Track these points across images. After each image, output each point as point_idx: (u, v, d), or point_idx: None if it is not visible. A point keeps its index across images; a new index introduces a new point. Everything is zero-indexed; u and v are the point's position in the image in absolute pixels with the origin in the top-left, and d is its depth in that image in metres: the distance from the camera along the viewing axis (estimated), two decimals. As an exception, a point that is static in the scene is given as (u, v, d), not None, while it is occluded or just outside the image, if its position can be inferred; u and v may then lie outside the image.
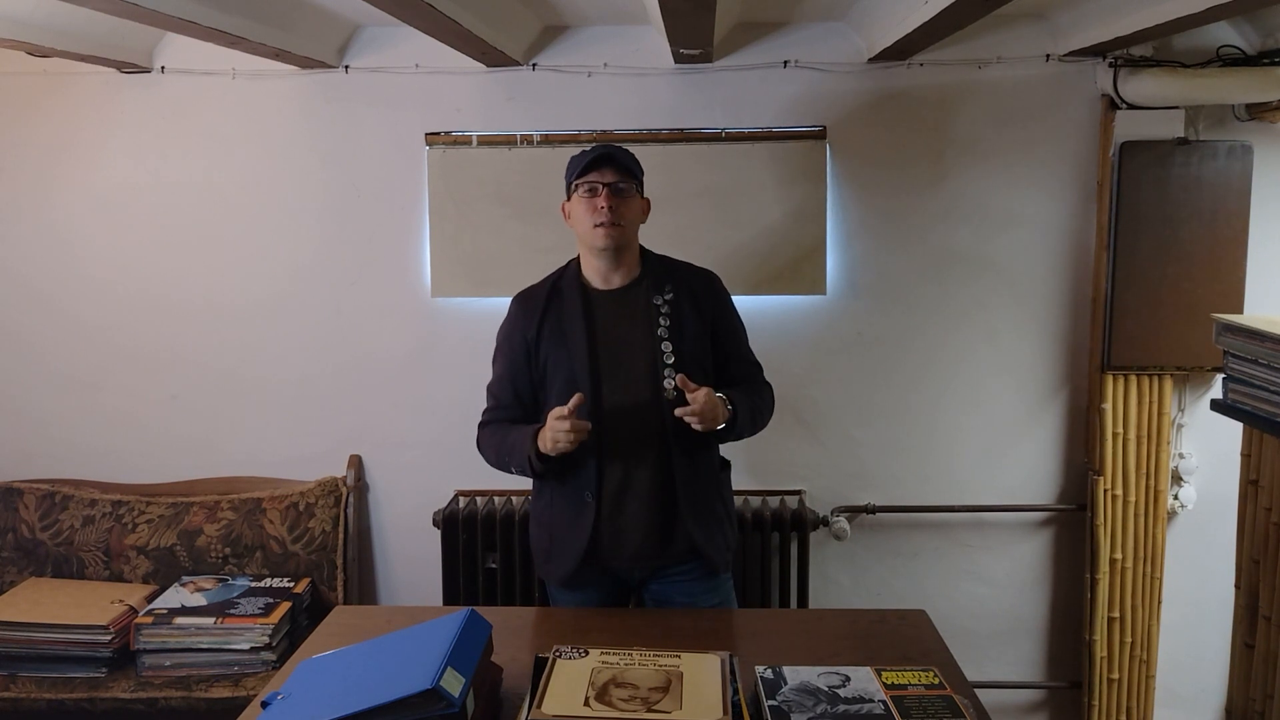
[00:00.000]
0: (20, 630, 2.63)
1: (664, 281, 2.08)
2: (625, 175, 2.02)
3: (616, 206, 1.99)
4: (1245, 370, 2.03)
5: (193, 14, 2.12)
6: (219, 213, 2.97)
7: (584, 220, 2.02)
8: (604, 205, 1.98)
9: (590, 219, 2.00)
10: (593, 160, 2.00)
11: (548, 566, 2.13)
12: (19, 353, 3.07)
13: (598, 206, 1.99)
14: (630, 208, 2.04)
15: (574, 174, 2.03)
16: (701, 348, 2.07)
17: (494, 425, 2.11)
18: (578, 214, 2.04)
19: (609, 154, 2.01)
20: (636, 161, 2.07)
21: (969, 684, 1.65)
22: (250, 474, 3.07)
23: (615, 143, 2.42)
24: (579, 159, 2.04)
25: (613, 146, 2.06)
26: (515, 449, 2.02)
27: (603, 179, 2.00)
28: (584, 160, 2.02)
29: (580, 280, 2.09)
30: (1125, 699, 2.95)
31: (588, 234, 2.02)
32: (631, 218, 2.05)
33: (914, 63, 2.82)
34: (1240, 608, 2.19)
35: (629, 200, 2.03)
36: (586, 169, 2.01)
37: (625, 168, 2.02)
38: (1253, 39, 2.66)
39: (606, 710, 1.44)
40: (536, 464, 1.98)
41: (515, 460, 2.03)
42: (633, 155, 2.07)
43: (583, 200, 2.01)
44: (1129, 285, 2.77)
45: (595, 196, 2.00)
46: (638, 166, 2.07)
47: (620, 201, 2.01)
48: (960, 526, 3.02)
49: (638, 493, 2.03)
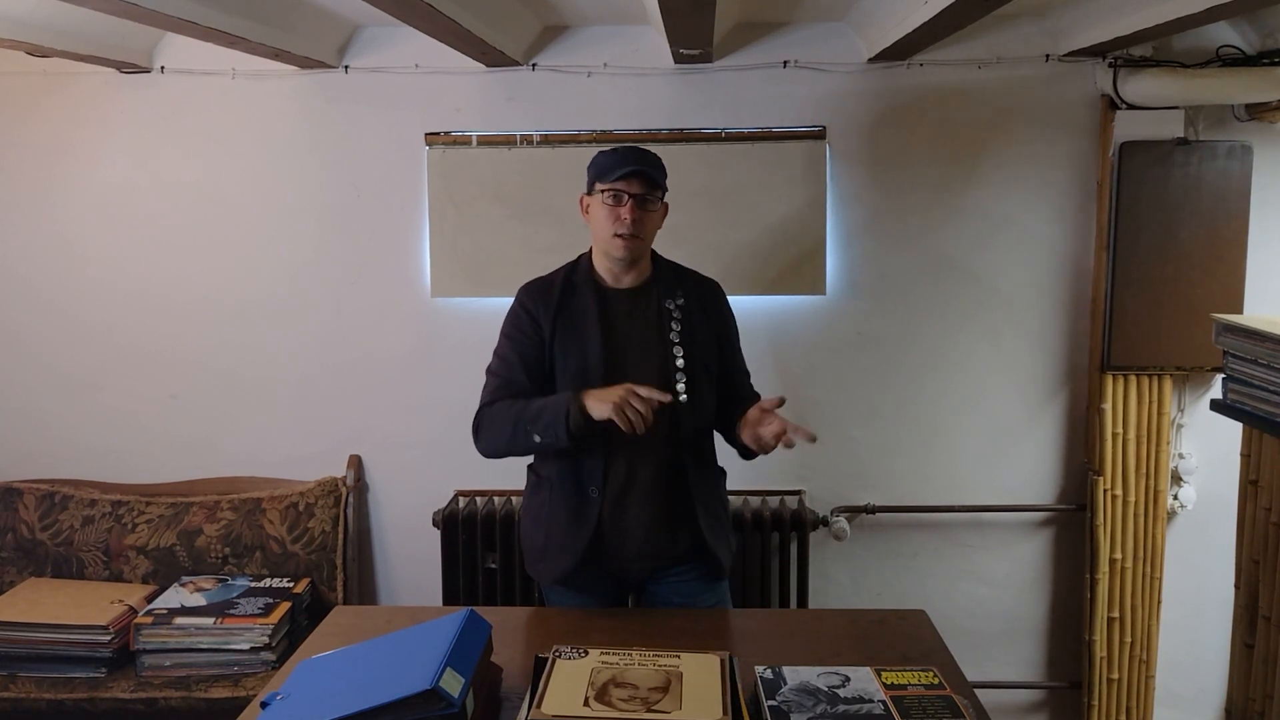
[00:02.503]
0: (20, 630, 2.63)
1: (675, 286, 2.08)
2: (651, 188, 1.98)
3: (640, 219, 1.97)
4: (1245, 370, 2.03)
5: (192, 14, 2.12)
6: (219, 213, 2.97)
7: (604, 226, 1.99)
8: (627, 218, 1.95)
9: (611, 227, 1.97)
10: (624, 172, 1.95)
11: (540, 565, 2.11)
12: (19, 353, 3.07)
13: (620, 217, 1.96)
14: (652, 220, 2.02)
15: (602, 176, 1.98)
16: (709, 355, 2.07)
17: (502, 403, 2.00)
18: (598, 216, 2.00)
19: (640, 169, 1.95)
20: (663, 167, 2.03)
21: (969, 684, 1.65)
22: (250, 474, 3.07)
23: (615, 143, 2.41)
24: (609, 160, 1.98)
25: (645, 153, 2.00)
26: (546, 409, 1.89)
27: (629, 189, 1.96)
28: (614, 166, 1.96)
29: (593, 276, 2.07)
30: (1125, 699, 2.95)
31: (606, 241, 2.00)
32: (651, 229, 2.03)
33: (914, 63, 2.82)
34: (1240, 608, 2.20)
35: (651, 214, 2.01)
36: (615, 178, 1.95)
37: (653, 181, 1.98)
38: (1253, 39, 2.66)
39: (606, 710, 1.44)
40: (577, 419, 1.83)
41: (544, 421, 1.88)
42: (660, 161, 2.02)
43: (605, 206, 1.97)
44: (1129, 285, 2.77)
45: (619, 206, 1.96)
46: (663, 173, 2.02)
47: (643, 215, 1.98)
48: (960, 526, 3.02)
49: (641, 493, 2.02)
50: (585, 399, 1.86)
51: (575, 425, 1.85)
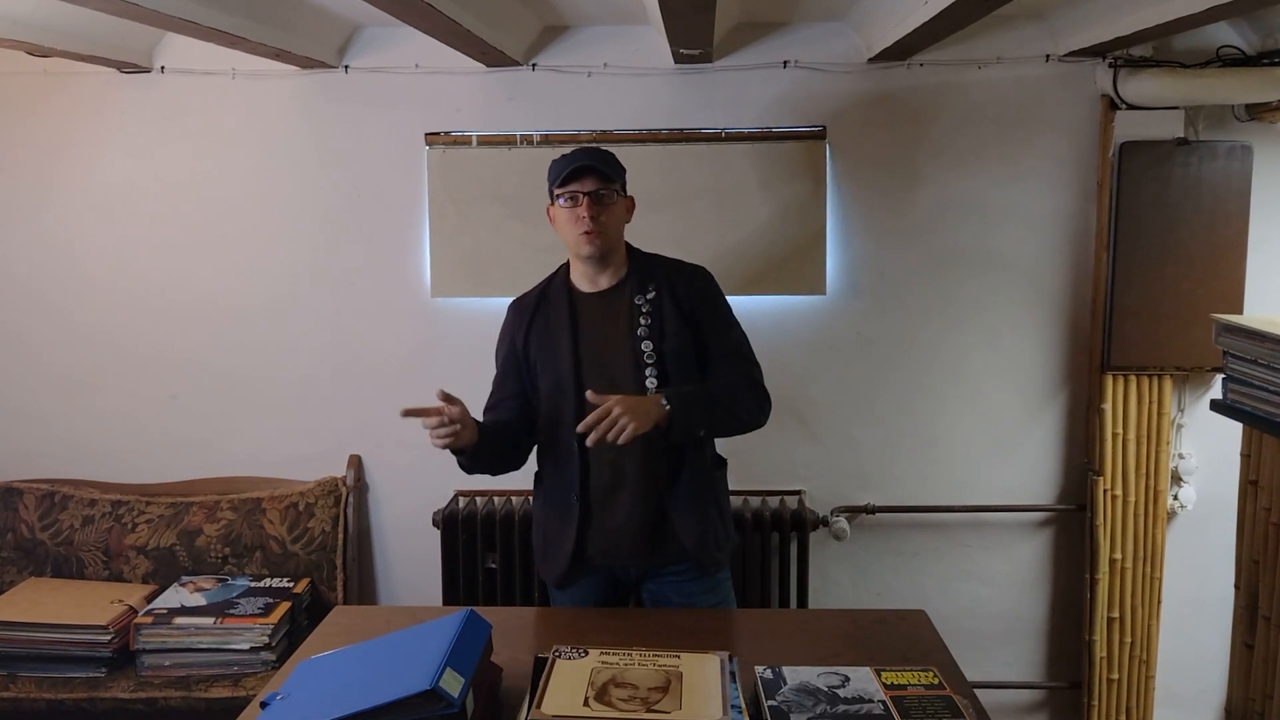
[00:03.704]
0: (20, 630, 2.63)
1: (647, 281, 2.07)
2: (605, 182, 2.00)
3: (598, 215, 1.98)
4: (1245, 370, 2.03)
5: (193, 14, 2.12)
6: (219, 213, 2.97)
7: (568, 229, 2.01)
8: (585, 215, 1.97)
9: (574, 228, 1.99)
10: (571, 171, 1.98)
11: (544, 566, 2.16)
12: (18, 353, 3.07)
13: (579, 216, 1.98)
14: (612, 213, 2.02)
15: (554, 182, 2.01)
16: (683, 344, 2.04)
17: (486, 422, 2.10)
18: (561, 222, 2.03)
19: (588, 164, 1.98)
20: (616, 162, 2.04)
21: (969, 684, 1.65)
22: (250, 474, 3.07)
23: (614, 143, 2.41)
24: (558, 166, 2.01)
25: (591, 150, 2.03)
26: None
27: (583, 188, 1.98)
28: (562, 169, 1.99)
29: (568, 285, 2.10)
30: (1125, 699, 2.95)
31: (573, 242, 2.02)
32: (614, 222, 2.03)
33: (914, 63, 2.82)
34: (1240, 608, 2.20)
35: (610, 206, 2.01)
36: (566, 179, 1.98)
37: (604, 174, 2.00)
38: (1252, 39, 2.65)
39: (606, 710, 1.44)
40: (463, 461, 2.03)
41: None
42: (612, 156, 2.04)
43: (565, 210, 2.00)
44: (1129, 285, 2.77)
45: (576, 206, 1.99)
46: (617, 168, 2.04)
47: (602, 209, 1.99)
48: (960, 526, 3.02)
49: (629, 493, 2.02)
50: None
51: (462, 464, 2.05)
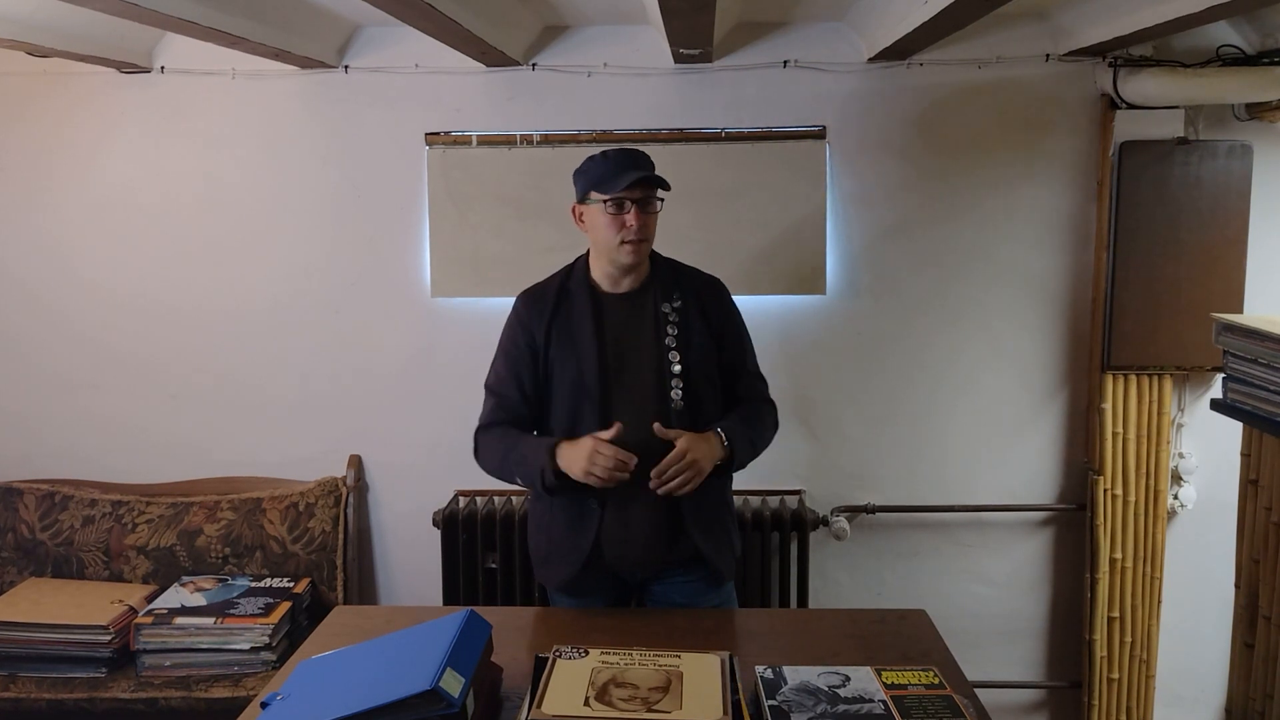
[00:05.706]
0: (20, 630, 2.63)
1: (672, 288, 2.04)
2: (652, 191, 1.95)
3: (645, 223, 1.94)
4: (1245, 370, 2.03)
5: (193, 14, 2.12)
6: (219, 213, 2.97)
7: (607, 233, 1.94)
8: (634, 224, 1.92)
9: (617, 235, 1.93)
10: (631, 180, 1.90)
11: (545, 571, 2.10)
12: (18, 353, 3.06)
13: (626, 224, 1.92)
14: (654, 222, 1.99)
15: (601, 185, 1.93)
16: (708, 358, 2.02)
17: (498, 429, 2.03)
18: (598, 225, 1.95)
19: (646, 177, 1.91)
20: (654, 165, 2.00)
21: (969, 684, 1.65)
22: (250, 474, 3.07)
23: (615, 143, 2.40)
24: (604, 168, 1.94)
25: (641, 157, 1.96)
26: (527, 461, 1.94)
27: (632, 195, 1.91)
28: (614, 174, 1.92)
29: (589, 282, 2.04)
30: (1125, 699, 2.95)
31: (612, 248, 1.95)
32: (654, 230, 2.00)
33: (914, 63, 2.82)
34: (1240, 608, 2.19)
35: (654, 215, 1.98)
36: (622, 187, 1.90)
37: (659, 183, 1.95)
38: (1253, 39, 2.66)
39: (606, 710, 1.44)
40: (551, 480, 1.90)
41: (524, 472, 1.96)
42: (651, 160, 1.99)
43: (607, 214, 1.92)
44: (1129, 285, 2.77)
45: (623, 214, 1.92)
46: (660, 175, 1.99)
47: (648, 218, 1.96)
48: (960, 526, 3.02)
49: (644, 501, 1.96)
50: (558, 456, 1.90)
51: (550, 484, 1.92)
